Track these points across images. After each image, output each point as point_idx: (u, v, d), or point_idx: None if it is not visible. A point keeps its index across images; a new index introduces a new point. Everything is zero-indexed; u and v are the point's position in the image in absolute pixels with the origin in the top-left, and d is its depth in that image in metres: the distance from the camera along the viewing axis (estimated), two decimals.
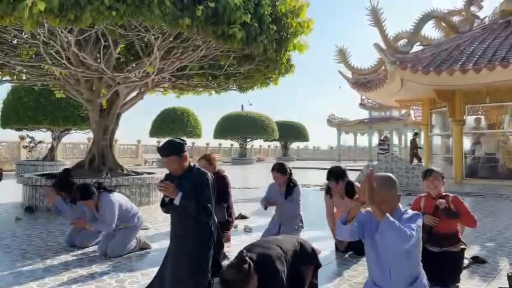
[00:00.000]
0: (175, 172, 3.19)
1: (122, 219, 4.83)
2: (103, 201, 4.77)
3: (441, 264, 3.65)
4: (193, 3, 6.17)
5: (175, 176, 3.19)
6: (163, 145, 3.20)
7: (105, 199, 4.77)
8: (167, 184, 3.06)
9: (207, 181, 3.14)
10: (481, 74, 11.73)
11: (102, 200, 4.78)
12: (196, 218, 3.06)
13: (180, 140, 3.24)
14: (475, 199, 9.90)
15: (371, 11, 14.32)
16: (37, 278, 3.95)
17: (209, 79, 10.25)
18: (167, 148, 3.15)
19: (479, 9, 15.98)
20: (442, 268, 3.63)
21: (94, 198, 4.77)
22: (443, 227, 3.81)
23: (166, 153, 3.13)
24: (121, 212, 4.81)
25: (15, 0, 5.23)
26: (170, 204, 3.12)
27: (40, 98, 17.89)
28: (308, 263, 3.07)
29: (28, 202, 8.45)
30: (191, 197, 3.03)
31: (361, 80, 16.55)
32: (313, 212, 7.50)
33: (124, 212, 4.89)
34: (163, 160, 3.18)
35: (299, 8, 7.76)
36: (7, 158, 23.70)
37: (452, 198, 3.90)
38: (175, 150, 3.13)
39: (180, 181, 3.14)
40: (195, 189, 3.08)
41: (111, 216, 4.69)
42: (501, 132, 14.82)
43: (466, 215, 3.83)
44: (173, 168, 3.17)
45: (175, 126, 32.22)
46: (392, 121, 33.09)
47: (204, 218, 3.06)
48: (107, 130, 9.34)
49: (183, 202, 3.03)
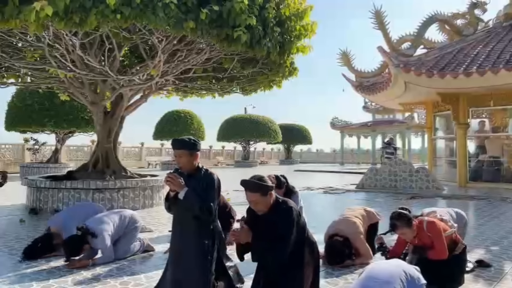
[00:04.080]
0: (183, 168, 3.20)
1: (119, 232, 4.76)
2: (94, 243, 4.54)
3: (443, 266, 3.62)
4: (197, 6, 6.19)
5: (184, 175, 3.19)
6: (178, 138, 3.25)
7: (96, 242, 4.53)
8: (175, 176, 3.06)
9: (214, 182, 3.15)
10: (485, 78, 11.70)
11: (93, 243, 4.55)
12: (198, 217, 3.06)
13: (196, 140, 3.27)
14: (479, 203, 9.85)
15: (375, 14, 14.34)
16: (41, 280, 3.96)
17: (213, 82, 10.28)
18: (181, 141, 3.20)
19: (483, 12, 15.94)
20: (444, 270, 3.61)
21: (86, 248, 4.54)
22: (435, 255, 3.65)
23: (178, 145, 3.18)
24: (114, 233, 4.68)
25: (21, 3, 5.27)
26: (175, 199, 3.13)
27: (45, 101, 17.98)
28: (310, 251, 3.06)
29: (32, 204, 8.49)
30: (196, 195, 3.03)
31: (364, 83, 16.54)
32: (316, 215, 7.49)
33: (117, 229, 4.75)
34: (174, 153, 3.22)
35: (303, 11, 7.77)
36: (11, 160, 23.79)
37: (427, 224, 3.72)
38: (187, 145, 3.17)
39: (187, 179, 3.15)
40: (201, 188, 3.09)
41: (107, 251, 4.56)
42: (506, 135, 14.77)
43: (436, 247, 3.64)
44: (182, 162, 3.18)
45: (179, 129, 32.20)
46: (396, 124, 33.00)
47: (206, 218, 3.07)
48: (111, 132, 9.37)
49: (187, 197, 3.02)
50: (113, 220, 4.77)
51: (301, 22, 7.85)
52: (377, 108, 31.12)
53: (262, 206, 2.91)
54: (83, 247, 4.48)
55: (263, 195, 2.88)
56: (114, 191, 8.31)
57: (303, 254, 2.92)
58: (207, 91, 10.75)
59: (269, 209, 2.92)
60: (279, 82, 9.59)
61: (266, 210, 2.92)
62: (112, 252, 4.60)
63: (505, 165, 14.20)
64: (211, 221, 3.14)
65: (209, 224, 3.15)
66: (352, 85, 16.99)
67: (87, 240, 4.49)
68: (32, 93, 17.76)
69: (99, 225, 4.61)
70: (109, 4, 5.35)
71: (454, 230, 3.93)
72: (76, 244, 4.47)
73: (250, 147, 39.21)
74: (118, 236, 4.77)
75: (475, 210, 8.74)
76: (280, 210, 2.91)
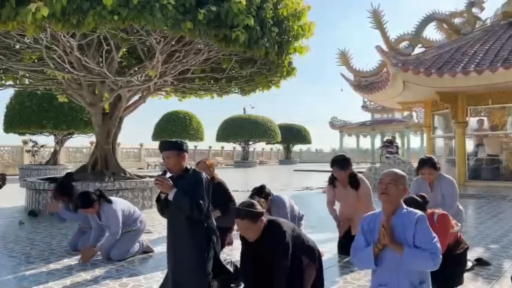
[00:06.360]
0: (171, 169, 3.25)
1: (124, 223, 4.83)
2: (105, 210, 4.73)
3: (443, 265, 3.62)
4: (195, 7, 6.19)
5: (172, 177, 3.24)
6: (166, 140, 3.38)
7: (107, 209, 4.72)
8: (164, 179, 3.11)
9: (202, 180, 3.18)
10: (483, 76, 11.70)
11: (104, 209, 4.73)
12: (189, 216, 3.09)
13: (183, 141, 3.34)
14: (478, 201, 9.86)
15: (372, 14, 14.33)
16: (40, 282, 3.96)
17: (211, 82, 10.27)
18: (168, 142, 3.28)
19: (481, 10, 15.94)
20: (445, 270, 3.61)
21: (95, 206, 4.72)
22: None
23: (166, 147, 3.24)
24: (123, 217, 4.81)
25: (18, 5, 5.27)
26: (165, 200, 3.18)
27: (43, 103, 17.98)
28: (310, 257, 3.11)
29: (31, 206, 8.48)
30: (185, 195, 3.07)
31: (363, 83, 16.53)
32: (315, 215, 7.49)
33: (127, 216, 4.89)
34: (162, 155, 3.28)
35: (301, 11, 7.77)
36: (10, 162, 23.77)
37: (438, 216, 3.65)
38: (174, 146, 3.24)
39: (176, 181, 3.19)
40: (190, 187, 3.13)
41: (115, 224, 4.67)
42: (504, 134, 14.78)
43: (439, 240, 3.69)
44: (170, 164, 3.22)
45: (178, 130, 32.27)
46: (395, 123, 33.02)
47: (197, 216, 3.08)
48: (109, 133, 9.36)
49: (177, 198, 3.08)
50: (129, 206, 5.05)
51: (298, 22, 7.85)
52: (376, 108, 31.09)
53: (252, 233, 2.94)
54: (93, 204, 4.69)
55: (253, 222, 2.91)
56: (113, 193, 8.28)
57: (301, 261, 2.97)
58: (206, 91, 10.74)
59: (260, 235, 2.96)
60: (277, 82, 9.59)
61: (257, 237, 2.96)
62: (120, 228, 4.69)
63: (504, 163, 14.20)
64: (204, 219, 3.15)
65: (203, 223, 3.17)
66: (350, 85, 16.99)
67: (100, 201, 4.75)
68: (31, 95, 17.76)
69: (117, 200, 4.95)
70: (107, 5, 5.33)
71: (459, 228, 3.95)
72: (89, 198, 4.70)
73: (250, 147, 39.24)
74: (123, 225, 4.80)
75: (474, 209, 8.75)
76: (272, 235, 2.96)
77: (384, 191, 2.70)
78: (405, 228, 2.64)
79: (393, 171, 2.80)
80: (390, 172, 2.79)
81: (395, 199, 2.71)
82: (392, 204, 2.71)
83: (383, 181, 2.73)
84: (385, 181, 2.71)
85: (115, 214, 4.69)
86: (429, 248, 2.57)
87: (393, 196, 2.69)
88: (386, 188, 2.69)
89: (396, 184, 2.70)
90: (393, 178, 2.72)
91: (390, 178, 2.72)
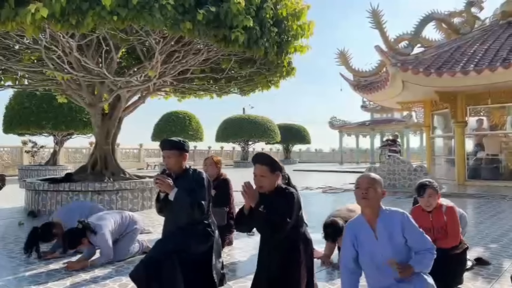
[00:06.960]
0: (171, 169, 3.23)
1: (118, 232, 4.77)
2: (93, 239, 4.55)
3: (443, 265, 3.62)
4: (194, 7, 6.19)
5: (172, 177, 3.21)
6: (167, 139, 3.29)
7: (95, 238, 4.53)
8: (164, 178, 3.08)
9: (203, 181, 3.17)
10: (483, 76, 11.71)
11: (93, 239, 4.55)
12: (189, 216, 3.07)
13: (185, 140, 3.31)
14: (478, 201, 9.86)
15: (372, 13, 14.34)
16: (40, 282, 3.96)
17: (211, 82, 10.27)
18: (170, 142, 3.23)
19: (480, 10, 15.96)
20: (445, 269, 3.61)
21: (84, 242, 4.53)
22: (443, 244, 3.63)
23: (167, 146, 3.21)
24: (114, 232, 4.71)
25: (17, 6, 5.26)
26: (165, 200, 3.14)
27: (42, 103, 17.96)
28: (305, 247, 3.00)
29: (31, 207, 8.47)
30: (186, 194, 3.05)
31: (362, 82, 16.54)
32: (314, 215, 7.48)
33: (118, 228, 4.78)
34: (163, 154, 3.25)
35: (300, 11, 7.77)
36: (9, 163, 23.75)
37: (446, 209, 3.72)
38: (176, 146, 3.21)
39: (176, 180, 3.17)
40: (191, 187, 3.10)
41: (105, 247, 4.54)
42: (504, 133, 14.79)
43: (450, 232, 3.66)
44: (171, 163, 3.20)
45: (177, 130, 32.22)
46: (394, 123, 33.03)
47: (197, 216, 3.07)
48: (109, 134, 9.36)
49: (177, 197, 3.04)
50: (115, 218, 4.81)
51: (298, 22, 7.85)
52: (376, 108, 31.12)
53: (267, 183, 2.81)
54: (81, 240, 4.50)
55: (271, 171, 2.81)
56: (113, 193, 8.30)
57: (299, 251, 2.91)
58: (205, 91, 10.74)
59: (272, 192, 2.83)
60: (277, 82, 9.59)
61: (268, 191, 2.83)
62: (112, 250, 4.58)
63: (504, 163, 14.21)
64: (203, 220, 3.14)
65: (202, 224, 3.15)
66: (350, 85, 17.00)
67: (86, 234, 4.50)
68: (30, 96, 17.75)
69: (100, 221, 4.65)
70: (106, 6, 5.34)
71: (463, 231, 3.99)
72: (76, 237, 4.50)
73: (249, 147, 39.20)
74: (119, 235, 4.78)
75: (474, 208, 8.75)
76: (283, 194, 2.83)
77: (364, 196, 2.69)
78: (391, 228, 2.68)
79: (369, 175, 2.80)
80: (366, 176, 2.78)
81: (375, 203, 2.72)
82: (372, 208, 2.72)
83: (361, 186, 2.72)
84: (363, 186, 2.70)
85: (103, 238, 4.52)
86: (424, 248, 2.64)
87: (373, 199, 2.70)
88: (366, 192, 2.69)
89: (375, 187, 2.70)
90: (370, 182, 2.72)
91: (367, 182, 2.71)
